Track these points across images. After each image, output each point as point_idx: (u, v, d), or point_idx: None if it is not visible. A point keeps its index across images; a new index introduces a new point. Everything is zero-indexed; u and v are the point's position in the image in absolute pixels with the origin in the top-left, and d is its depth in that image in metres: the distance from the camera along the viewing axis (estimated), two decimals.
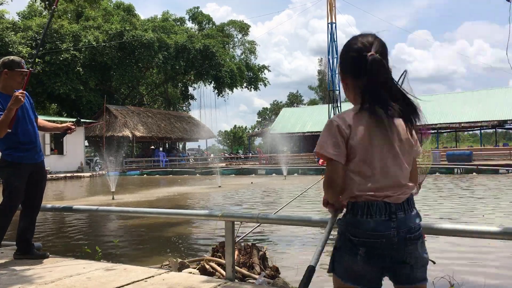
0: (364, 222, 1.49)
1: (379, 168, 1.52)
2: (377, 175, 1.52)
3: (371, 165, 1.52)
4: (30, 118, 3.81)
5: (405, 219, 1.52)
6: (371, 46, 1.53)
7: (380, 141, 1.53)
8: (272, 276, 3.96)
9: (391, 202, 1.51)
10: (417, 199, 1.68)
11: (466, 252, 5.77)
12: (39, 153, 3.86)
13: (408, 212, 1.54)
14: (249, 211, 10.24)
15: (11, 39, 31.13)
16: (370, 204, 1.50)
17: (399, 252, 1.50)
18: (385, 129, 1.52)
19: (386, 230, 1.48)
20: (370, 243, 1.48)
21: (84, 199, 14.24)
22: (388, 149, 1.54)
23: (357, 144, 1.52)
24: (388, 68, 1.54)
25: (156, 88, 49.93)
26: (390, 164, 1.53)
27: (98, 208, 4.53)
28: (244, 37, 51.91)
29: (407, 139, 1.58)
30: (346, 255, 1.52)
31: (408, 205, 1.55)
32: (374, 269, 1.50)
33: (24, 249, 3.82)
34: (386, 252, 1.49)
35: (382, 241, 1.47)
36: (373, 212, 1.49)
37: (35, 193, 3.84)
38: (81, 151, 32.17)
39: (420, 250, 1.54)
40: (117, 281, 3.11)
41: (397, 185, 1.53)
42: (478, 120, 34.30)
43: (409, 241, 1.51)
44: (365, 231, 1.48)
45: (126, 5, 41.92)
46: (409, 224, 1.52)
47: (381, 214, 1.49)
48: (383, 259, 1.50)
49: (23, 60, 3.83)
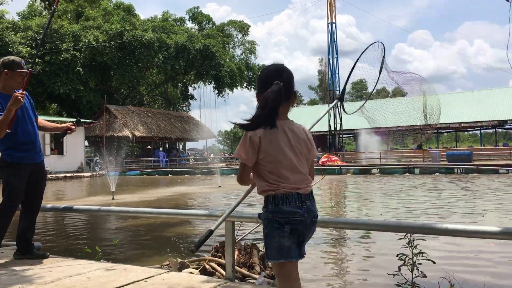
0: (285, 208, 1.93)
1: (288, 168, 1.96)
2: (288, 173, 1.95)
3: (282, 166, 1.95)
4: (30, 118, 3.80)
5: (311, 206, 1.99)
6: (280, 74, 1.96)
7: (286, 147, 1.96)
8: (272, 276, 3.96)
9: (301, 193, 1.96)
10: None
11: (466, 252, 5.77)
12: (39, 153, 3.86)
13: (312, 201, 2.02)
14: (249, 211, 10.24)
15: (11, 39, 31.13)
16: (287, 195, 1.94)
17: (307, 230, 1.98)
18: (288, 137, 1.98)
19: (300, 213, 1.93)
20: (292, 222, 1.92)
21: (84, 199, 14.24)
22: (292, 152, 1.97)
23: (268, 150, 1.94)
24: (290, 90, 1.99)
25: (156, 88, 49.92)
26: (296, 164, 1.98)
27: (98, 208, 4.53)
28: (244, 37, 51.94)
29: (305, 144, 2.04)
30: (276, 235, 1.91)
31: (311, 195, 2.03)
32: (295, 241, 1.94)
33: (24, 249, 3.82)
34: (301, 230, 1.95)
35: (301, 220, 1.93)
36: (290, 201, 1.93)
37: (35, 193, 3.84)
38: (81, 151, 32.16)
39: (313, 232, 2.05)
40: (117, 281, 3.11)
41: (303, 180, 1.99)
42: (478, 120, 34.30)
43: (312, 225, 2.00)
44: (288, 214, 1.92)
45: (126, 5, 41.91)
46: (313, 210, 2.00)
47: (296, 202, 1.94)
48: (299, 235, 1.95)
49: (23, 61, 3.83)
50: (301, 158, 2.00)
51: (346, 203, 12.28)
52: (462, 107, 36.22)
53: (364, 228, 3.90)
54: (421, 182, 17.94)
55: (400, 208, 10.42)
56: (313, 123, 2.81)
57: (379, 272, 4.93)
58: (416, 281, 3.27)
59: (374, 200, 12.33)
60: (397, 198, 12.41)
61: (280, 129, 1.95)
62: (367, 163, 29.00)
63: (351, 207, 11.31)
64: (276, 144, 1.94)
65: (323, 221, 3.49)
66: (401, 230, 3.12)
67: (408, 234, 3.24)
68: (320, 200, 12.89)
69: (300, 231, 1.94)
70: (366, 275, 4.94)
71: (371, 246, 6.33)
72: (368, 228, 3.94)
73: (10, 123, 3.49)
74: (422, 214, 9.23)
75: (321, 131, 40.53)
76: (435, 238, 5.95)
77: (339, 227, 6.49)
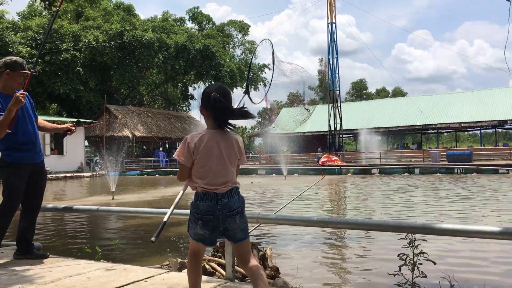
0: (201, 205, 2.36)
1: (212, 172, 2.36)
2: (210, 176, 2.36)
3: (207, 169, 2.36)
4: (30, 118, 3.80)
5: (228, 202, 2.36)
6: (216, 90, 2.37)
7: (215, 153, 2.36)
8: (272, 276, 3.96)
9: (218, 192, 2.36)
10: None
11: (466, 252, 5.77)
12: (39, 153, 3.85)
13: (230, 198, 2.38)
14: (249, 211, 10.23)
15: (11, 39, 31.12)
16: (205, 194, 2.36)
17: (224, 223, 2.36)
18: (218, 145, 2.37)
19: (214, 210, 2.34)
20: (204, 218, 2.35)
21: (84, 199, 14.24)
22: (219, 158, 2.37)
23: (199, 155, 2.35)
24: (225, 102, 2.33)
25: (156, 88, 49.93)
26: (220, 169, 2.37)
27: (98, 208, 4.53)
28: (244, 37, 51.97)
29: (234, 152, 2.43)
30: (193, 224, 2.40)
31: (230, 193, 2.39)
32: (208, 232, 2.37)
33: (24, 249, 3.82)
34: (215, 223, 2.35)
35: (211, 217, 2.34)
36: (206, 199, 2.35)
37: (35, 193, 3.83)
38: (81, 151, 32.16)
39: (238, 221, 2.39)
40: (117, 281, 3.11)
41: (223, 182, 2.37)
42: (478, 120, 34.29)
43: (229, 217, 2.36)
44: (201, 210, 2.36)
45: (126, 5, 41.92)
46: (230, 205, 2.37)
47: (211, 200, 2.35)
48: (214, 227, 2.36)
49: (25, 61, 3.83)
50: (227, 163, 2.39)
51: (346, 203, 12.28)
52: (462, 107, 36.21)
53: (364, 228, 3.90)
54: (421, 182, 17.94)
55: (400, 208, 10.42)
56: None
57: (379, 272, 4.93)
58: (416, 281, 3.27)
59: (374, 200, 12.33)
60: (397, 198, 12.41)
61: (214, 138, 2.37)
62: (367, 163, 29.01)
63: (351, 207, 11.31)
64: (207, 150, 2.35)
65: (323, 221, 3.49)
66: (401, 230, 3.12)
67: (409, 235, 3.24)
68: (320, 200, 12.88)
69: (214, 224, 2.35)
70: (366, 274, 4.94)
71: (371, 246, 6.33)
72: (368, 228, 3.94)
73: (10, 123, 3.49)
74: (422, 214, 9.23)
75: (321, 131, 40.56)
76: (435, 238, 5.95)
77: (339, 227, 6.49)
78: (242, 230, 2.42)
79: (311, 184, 6.52)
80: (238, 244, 2.42)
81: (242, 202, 2.45)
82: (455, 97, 38.91)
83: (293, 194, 13.79)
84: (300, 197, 11.29)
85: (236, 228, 2.39)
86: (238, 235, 2.40)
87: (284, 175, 23.95)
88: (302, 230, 7.28)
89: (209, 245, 2.51)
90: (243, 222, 2.43)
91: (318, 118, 42.67)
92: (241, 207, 2.44)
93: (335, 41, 34.38)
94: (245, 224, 2.44)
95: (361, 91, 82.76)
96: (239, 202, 2.43)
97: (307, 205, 11.37)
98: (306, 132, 42.48)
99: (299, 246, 6.39)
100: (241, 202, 2.44)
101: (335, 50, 34.48)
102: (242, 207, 2.45)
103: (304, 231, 7.24)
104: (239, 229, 2.40)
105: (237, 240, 2.41)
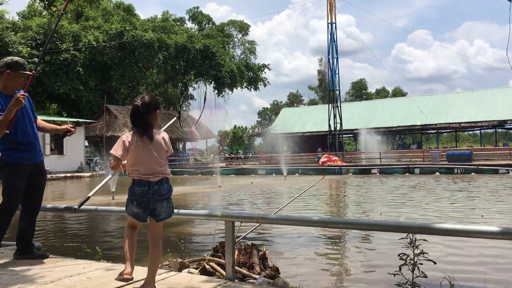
0: (136, 190, 2.92)
1: (144, 164, 2.92)
2: (143, 167, 2.92)
3: (139, 162, 2.92)
4: (30, 119, 3.79)
5: (158, 189, 2.93)
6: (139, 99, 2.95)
7: (144, 149, 2.91)
8: (272, 276, 3.96)
9: (151, 180, 2.91)
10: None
11: (466, 252, 5.77)
12: (39, 153, 3.85)
13: (160, 186, 2.94)
14: (249, 211, 10.24)
15: (11, 39, 31.11)
16: (139, 181, 2.92)
17: (154, 205, 2.94)
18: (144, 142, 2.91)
19: (147, 194, 2.90)
20: (138, 200, 2.92)
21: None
22: (149, 153, 2.92)
23: (132, 151, 2.92)
24: (144, 111, 2.91)
25: (156, 88, 49.91)
26: (150, 162, 2.92)
27: (98, 208, 4.53)
28: (244, 37, 51.90)
29: (161, 146, 2.97)
30: (129, 204, 2.97)
31: (161, 182, 2.94)
32: (141, 211, 2.95)
33: (24, 249, 3.82)
34: (147, 204, 2.93)
35: (144, 199, 2.91)
36: (141, 185, 2.91)
37: (35, 193, 3.83)
38: (81, 151, 32.16)
39: (165, 205, 2.97)
40: (117, 281, 3.11)
41: (153, 172, 2.92)
42: (478, 120, 34.30)
43: (158, 200, 2.94)
44: (136, 194, 2.92)
45: (126, 5, 41.88)
46: (160, 191, 2.93)
47: (145, 186, 2.90)
48: (146, 207, 2.94)
49: (26, 62, 3.82)
50: (156, 157, 2.92)
51: (346, 203, 12.28)
52: (462, 107, 36.21)
53: (364, 228, 3.90)
54: (421, 182, 17.94)
55: (400, 208, 10.42)
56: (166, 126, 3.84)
57: (379, 271, 4.94)
58: (417, 281, 3.27)
59: (374, 200, 12.33)
60: (397, 198, 12.41)
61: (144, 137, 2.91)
62: (367, 163, 29.01)
63: (351, 207, 11.31)
64: (138, 147, 2.90)
65: (323, 221, 3.49)
66: (401, 230, 3.12)
67: (409, 234, 3.24)
68: (320, 200, 12.88)
69: (146, 205, 2.92)
70: (366, 274, 4.94)
71: (371, 246, 6.33)
72: (368, 228, 3.94)
73: (9, 123, 3.48)
74: (422, 214, 9.23)
75: (321, 131, 40.56)
76: (435, 238, 5.95)
77: (339, 227, 6.49)
78: (166, 212, 2.99)
79: (311, 184, 6.52)
80: (158, 223, 3.02)
81: (170, 191, 3.01)
82: (455, 97, 38.90)
83: (293, 194, 13.79)
84: (300, 197, 11.30)
85: (162, 210, 2.97)
86: (162, 216, 2.99)
87: (284, 175, 23.96)
88: (302, 230, 7.28)
89: (142, 221, 3.03)
90: (169, 206, 3.00)
91: (318, 118, 42.71)
92: (169, 194, 3.01)
93: (335, 41, 34.39)
94: (169, 208, 3.01)
95: (361, 91, 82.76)
96: (168, 190, 2.98)
97: (307, 205, 11.37)
98: (306, 132, 42.48)
99: (299, 246, 6.39)
100: (169, 190, 3.00)
101: (335, 50, 34.48)
102: (169, 195, 3.02)
103: (304, 231, 7.24)
104: (164, 212, 2.98)
105: (160, 219, 2.99)
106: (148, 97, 2.99)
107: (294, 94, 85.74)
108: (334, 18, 34.12)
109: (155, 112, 2.97)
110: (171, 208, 3.04)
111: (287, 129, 42.66)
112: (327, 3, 33.87)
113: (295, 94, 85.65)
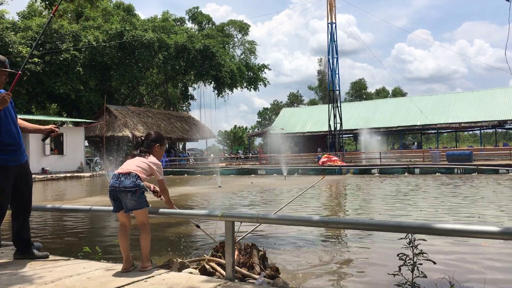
0: (110, 181, 3.41)
1: (124, 165, 3.49)
2: (122, 168, 3.46)
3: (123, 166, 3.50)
4: (13, 119, 3.74)
5: (124, 180, 3.34)
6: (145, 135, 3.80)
7: (132, 158, 3.57)
8: (272, 276, 3.96)
9: (120, 172, 3.40)
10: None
11: (466, 252, 5.77)
12: (23, 153, 3.82)
13: (127, 179, 3.35)
14: (249, 211, 10.24)
15: (11, 39, 31.09)
16: (114, 174, 3.43)
17: (120, 195, 3.36)
18: (134, 156, 3.58)
19: (114, 184, 3.37)
20: (109, 190, 3.41)
21: (84, 199, 14.23)
22: (133, 161, 3.53)
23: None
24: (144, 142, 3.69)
25: (156, 88, 49.88)
26: (129, 164, 3.49)
27: (97, 208, 4.53)
28: (244, 37, 51.89)
29: (145, 164, 3.52)
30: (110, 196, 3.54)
31: (128, 175, 3.37)
32: (112, 201, 3.46)
33: (24, 249, 3.81)
34: (115, 195, 3.39)
35: (112, 189, 3.38)
36: (113, 177, 3.41)
37: (23, 194, 3.80)
38: (81, 151, 32.15)
39: (129, 197, 3.34)
40: (117, 281, 3.11)
41: (126, 168, 3.43)
42: (478, 120, 34.31)
43: (123, 192, 3.34)
44: (109, 186, 3.40)
45: (126, 5, 41.86)
46: (125, 183, 3.34)
47: (115, 178, 3.39)
48: (114, 198, 3.41)
49: (7, 60, 3.76)
50: (135, 165, 3.47)
51: (346, 203, 12.28)
52: (462, 107, 36.22)
53: (364, 228, 3.90)
54: (421, 182, 17.94)
55: (400, 208, 10.42)
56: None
57: (379, 272, 4.93)
58: (416, 281, 3.27)
59: (374, 200, 12.33)
60: (397, 198, 12.41)
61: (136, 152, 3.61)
62: (367, 163, 29.01)
63: (351, 207, 11.31)
64: (128, 158, 3.59)
65: (323, 221, 3.48)
66: (401, 230, 3.12)
67: (409, 235, 3.24)
68: (320, 200, 12.88)
69: (114, 195, 3.38)
70: (366, 275, 4.94)
71: (371, 246, 6.33)
72: (368, 228, 3.93)
73: None
74: (422, 214, 9.23)
75: (321, 131, 40.57)
76: (435, 238, 5.95)
77: (339, 227, 6.50)
78: (132, 204, 3.36)
79: (311, 184, 6.52)
80: (137, 212, 3.41)
81: (136, 186, 3.34)
82: (455, 97, 38.91)
83: (293, 194, 13.79)
84: (300, 197, 11.30)
85: (127, 202, 3.35)
86: (129, 207, 3.38)
87: (284, 175, 23.95)
88: (302, 230, 7.28)
89: (114, 211, 3.48)
90: (134, 200, 3.35)
91: (318, 118, 42.72)
92: (135, 189, 3.33)
93: (335, 41, 34.38)
94: (135, 201, 3.35)
95: (361, 91, 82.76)
96: (133, 184, 3.33)
97: (307, 205, 11.37)
98: (306, 132, 42.49)
99: (299, 246, 6.39)
100: (135, 185, 3.33)
101: (335, 50, 34.48)
102: (136, 190, 3.33)
103: (304, 231, 7.24)
104: (129, 203, 3.36)
105: (128, 210, 3.40)
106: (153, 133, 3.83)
107: (294, 94, 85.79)
108: (334, 18, 34.13)
109: (155, 146, 3.64)
110: (138, 202, 3.36)
111: (287, 129, 42.71)
112: (327, 3, 33.88)
113: (295, 94, 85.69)
